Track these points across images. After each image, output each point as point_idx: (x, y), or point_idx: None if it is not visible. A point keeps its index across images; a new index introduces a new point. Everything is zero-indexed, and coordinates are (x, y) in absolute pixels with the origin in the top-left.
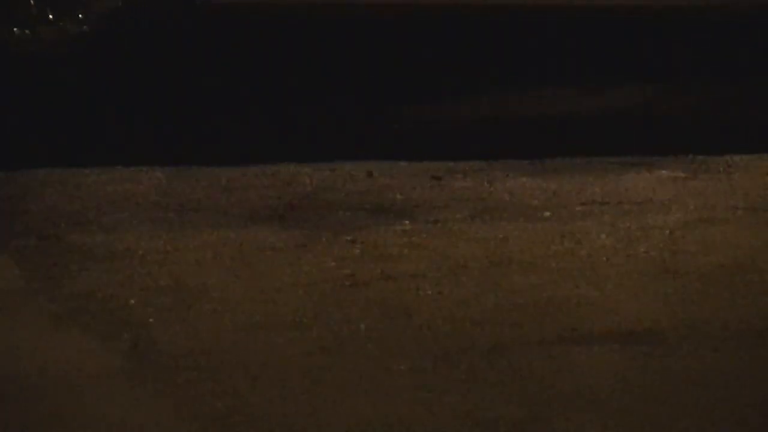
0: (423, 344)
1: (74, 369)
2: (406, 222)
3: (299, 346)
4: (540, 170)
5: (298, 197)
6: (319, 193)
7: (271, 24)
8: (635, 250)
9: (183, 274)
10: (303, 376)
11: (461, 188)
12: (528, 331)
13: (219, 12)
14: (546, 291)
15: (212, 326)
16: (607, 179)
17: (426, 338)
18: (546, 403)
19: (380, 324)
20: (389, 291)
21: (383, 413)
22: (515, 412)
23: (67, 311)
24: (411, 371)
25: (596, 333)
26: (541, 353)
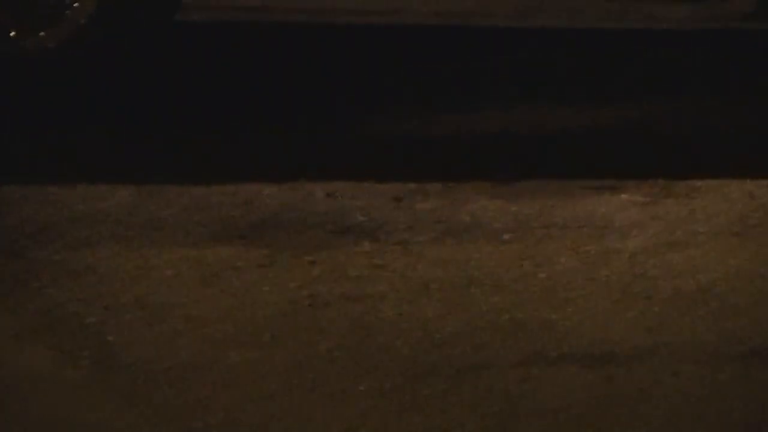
0: (385, 366)
1: (35, 385)
2: (368, 243)
3: (259, 366)
4: (502, 193)
5: (260, 217)
6: (281, 213)
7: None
8: (597, 274)
9: (145, 292)
10: (263, 396)
11: (423, 210)
12: (490, 354)
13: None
14: (508, 313)
15: (174, 344)
16: (569, 203)
17: (388, 360)
18: (509, 425)
19: (341, 345)
20: (350, 312)
21: None
22: None
23: (29, 328)
24: (372, 393)
25: (557, 355)
26: (504, 375)
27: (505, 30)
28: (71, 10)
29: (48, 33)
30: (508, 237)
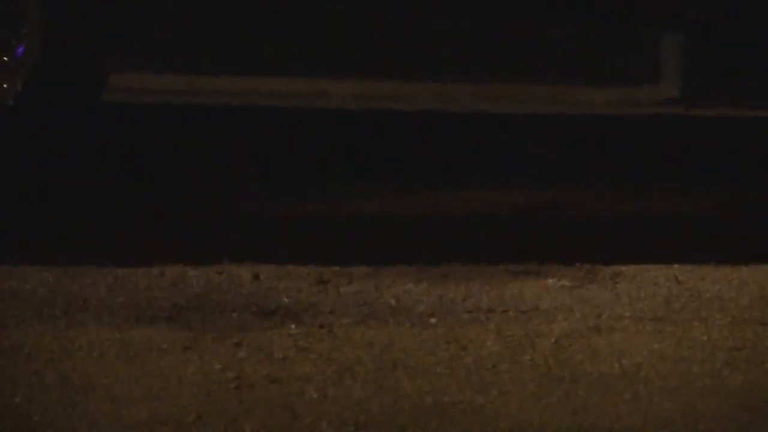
0: None
1: None
2: (293, 325)
3: None
4: (427, 276)
5: (185, 298)
6: (206, 295)
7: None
8: (522, 358)
9: (69, 373)
10: None
11: (348, 293)
12: None
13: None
14: (432, 396)
15: (98, 424)
16: (494, 287)
17: None
18: None
19: (265, 426)
20: (275, 394)
21: None
22: None
23: None
24: None
25: None
26: None
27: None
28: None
29: None
30: (433, 320)
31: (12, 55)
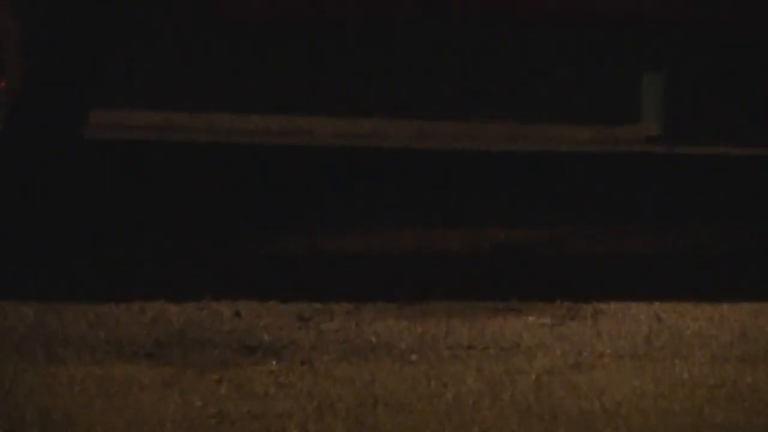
0: None
1: None
2: (274, 362)
3: None
4: (408, 313)
5: (166, 335)
6: (187, 331)
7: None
8: (502, 394)
9: (50, 408)
10: None
11: (329, 330)
12: None
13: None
14: None
15: None
16: (475, 323)
17: None
18: None
19: None
20: (255, 430)
21: None
22: None
23: None
24: None
25: None
26: None
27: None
28: None
29: None
30: (414, 357)
31: None
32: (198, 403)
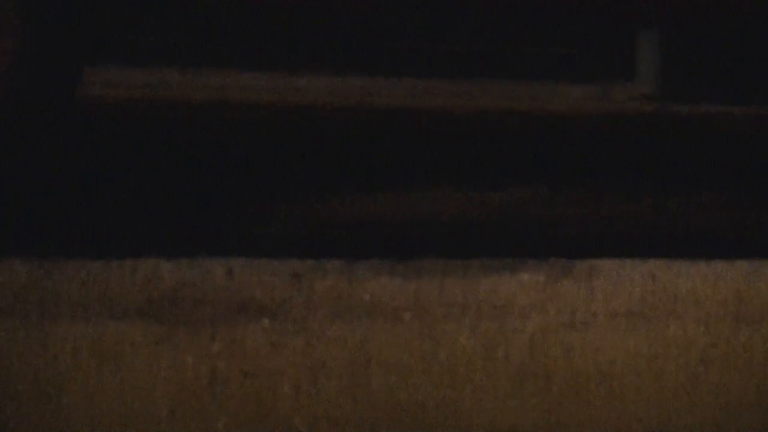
0: None
1: None
2: (266, 320)
3: None
4: (401, 271)
5: (158, 293)
6: (179, 290)
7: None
8: (495, 353)
9: (42, 367)
10: None
11: (322, 287)
12: None
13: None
14: (405, 392)
15: (69, 420)
16: (468, 282)
17: None
18: None
19: (238, 421)
20: (248, 388)
21: None
22: None
23: None
24: None
25: None
26: None
27: (402, 109)
28: None
29: None
30: (407, 316)
31: None
32: (190, 362)
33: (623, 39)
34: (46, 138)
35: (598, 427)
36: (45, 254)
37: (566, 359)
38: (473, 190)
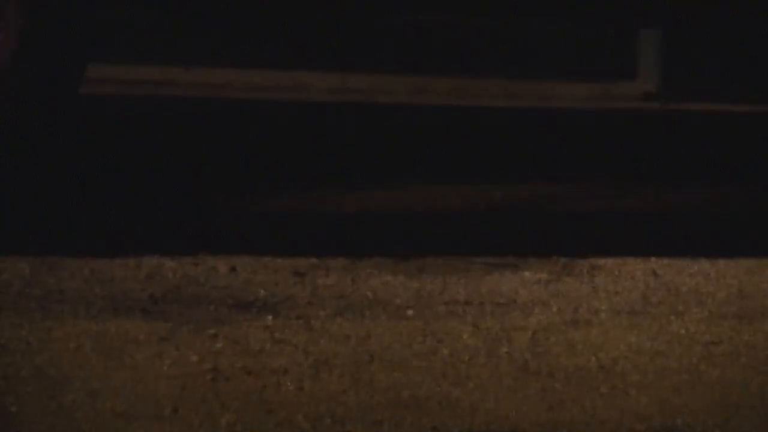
0: None
1: None
2: (269, 317)
3: None
4: (404, 269)
5: (162, 290)
6: (183, 287)
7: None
8: (497, 351)
9: (45, 365)
10: None
11: (324, 285)
12: (389, 429)
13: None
14: (408, 389)
15: (73, 417)
16: (471, 279)
17: None
18: None
19: (241, 419)
20: (251, 386)
21: None
22: None
23: None
24: None
25: None
26: None
27: (405, 107)
28: None
29: None
30: (410, 313)
31: None
32: (193, 359)
33: (625, 38)
34: (49, 135)
35: (601, 424)
36: (48, 252)
37: (568, 356)
38: (475, 189)
